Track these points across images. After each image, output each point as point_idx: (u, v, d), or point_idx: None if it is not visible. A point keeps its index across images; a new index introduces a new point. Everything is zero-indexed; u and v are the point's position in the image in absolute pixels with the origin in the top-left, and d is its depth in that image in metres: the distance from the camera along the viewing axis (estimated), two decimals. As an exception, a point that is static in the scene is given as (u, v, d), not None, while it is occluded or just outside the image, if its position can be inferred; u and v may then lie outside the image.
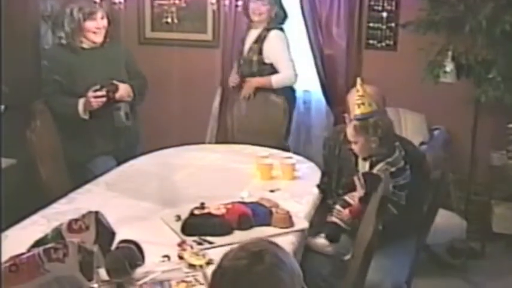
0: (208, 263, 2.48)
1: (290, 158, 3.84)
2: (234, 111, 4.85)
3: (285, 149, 4.41)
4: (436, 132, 4.62)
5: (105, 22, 3.98)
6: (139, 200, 3.25)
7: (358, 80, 3.04)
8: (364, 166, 3.09)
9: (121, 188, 3.42)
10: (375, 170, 3.01)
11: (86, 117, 3.86)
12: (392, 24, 4.95)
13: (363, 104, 2.99)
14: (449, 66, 4.27)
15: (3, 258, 2.28)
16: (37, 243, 2.42)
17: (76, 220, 2.47)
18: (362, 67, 5.06)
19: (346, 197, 3.17)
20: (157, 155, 4.03)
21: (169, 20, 4.83)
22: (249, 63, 4.69)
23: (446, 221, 4.24)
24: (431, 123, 4.78)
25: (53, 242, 2.34)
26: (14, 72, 4.60)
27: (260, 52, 4.64)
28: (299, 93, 5.16)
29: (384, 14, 4.96)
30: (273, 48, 4.64)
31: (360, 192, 3.05)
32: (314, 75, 5.05)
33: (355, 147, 3.08)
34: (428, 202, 3.21)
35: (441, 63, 4.31)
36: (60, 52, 3.98)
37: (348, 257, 3.06)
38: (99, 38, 3.98)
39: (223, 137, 4.88)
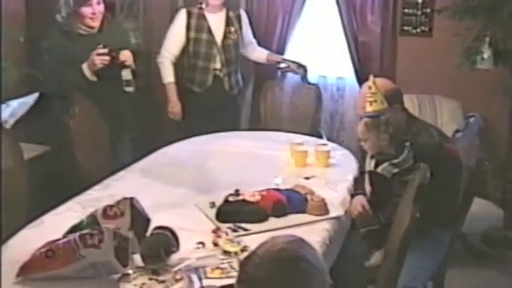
0: (243, 249, 2.48)
1: (325, 145, 3.82)
2: (267, 98, 4.82)
3: (318, 135, 4.37)
4: (471, 120, 4.53)
5: (101, 7, 3.98)
6: (174, 186, 3.25)
7: (371, 77, 3.01)
8: (370, 164, 3.08)
9: (155, 175, 3.43)
10: (379, 169, 3.00)
11: (95, 79, 3.90)
12: (428, 10, 4.86)
13: (375, 101, 2.96)
14: (486, 53, 4.18)
15: (39, 244, 2.32)
16: (73, 229, 2.45)
17: (111, 206, 2.49)
18: (397, 54, 5.00)
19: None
20: (190, 142, 4.03)
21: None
22: (235, 46, 4.65)
23: (483, 210, 4.18)
24: (467, 111, 4.68)
25: (88, 228, 2.36)
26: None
27: (240, 32, 4.69)
28: (333, 80, 5.13)
29: (419, 0, 4.89)
30: (248, 27, 4.77)
31: (367, 190, 3.11)
32: (348, 62, 5.00)
33: (365, 145, 3.06)
34: (463, 191, 3.14)
35: (478, 50, 4.22)
36: (57, 38, 3.98)
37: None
38: (95, 23, 3.99)
39: (256, 124, 4.87)
